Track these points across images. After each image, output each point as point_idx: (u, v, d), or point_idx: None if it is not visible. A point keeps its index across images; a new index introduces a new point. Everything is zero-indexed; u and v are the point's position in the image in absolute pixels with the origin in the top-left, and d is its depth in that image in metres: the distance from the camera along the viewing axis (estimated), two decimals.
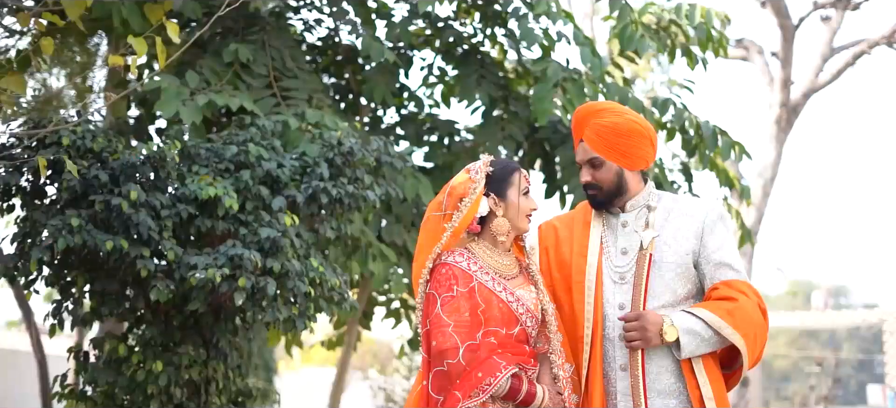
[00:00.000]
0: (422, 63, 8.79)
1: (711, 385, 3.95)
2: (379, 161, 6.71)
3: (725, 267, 4.00)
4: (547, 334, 4.01)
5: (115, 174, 5.87)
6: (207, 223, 5.99)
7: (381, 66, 7.95)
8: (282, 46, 7.50)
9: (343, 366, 9.31)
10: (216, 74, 7.08)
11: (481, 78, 8.06)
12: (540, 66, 7.51)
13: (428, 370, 3.85)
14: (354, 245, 7.22)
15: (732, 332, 3.88)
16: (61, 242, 5.58)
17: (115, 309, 6.13)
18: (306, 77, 7.44)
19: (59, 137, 5.84)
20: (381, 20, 8.32)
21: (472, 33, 8.58)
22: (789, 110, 19.00)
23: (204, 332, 6.29)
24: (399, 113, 8.72)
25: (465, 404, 3.72)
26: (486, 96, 7.96)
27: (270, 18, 7.86)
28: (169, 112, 6.52)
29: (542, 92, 7.23)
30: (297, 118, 6.79)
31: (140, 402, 6.11)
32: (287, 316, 6.04)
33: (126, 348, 6.14)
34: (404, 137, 8.50)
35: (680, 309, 3.96)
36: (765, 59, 19.61)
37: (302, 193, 6.25)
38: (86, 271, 6.02)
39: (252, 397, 6.61)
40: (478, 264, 3.91)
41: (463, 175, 4.01)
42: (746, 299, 3.94)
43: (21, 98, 8.28)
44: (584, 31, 8.55)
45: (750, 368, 4.01)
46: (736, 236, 8.65)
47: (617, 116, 4.08)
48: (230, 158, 6.20)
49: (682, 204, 4.13)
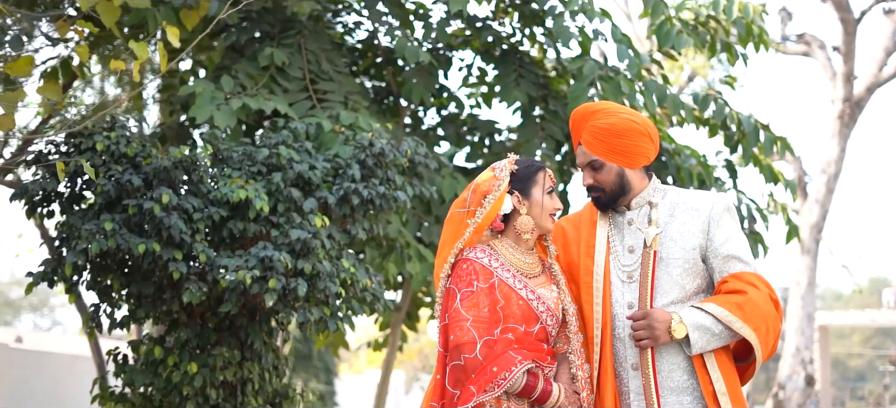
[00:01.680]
0: (461, 64, 8.79)
1: (725, 380, 3.89)
2: (412, 162, 6.72)
3: (734, 260, 3.94)
4: (567, 335, 3.99)
5: (149, 178, 5.96)
6: (239, 226, 6.05)
7: (419, 68, 7.96)
8: (318, 49, 7.53)
9: (387, 367, 9.34)
10: (252, 79, 7.13)
11: (520, 77, 8.04)
12: (576, 65, 7.47)
13: (444, 364, 3.85)
14: (390, 246, 7.23)
15: (743, 325, 3.82)
16: (95, 245, 5.67)
17: (151, 312, 6.22)
18: (342, 79, 7.47)
19: (94, 143, 5.94)
20: (419, 22, 8.33)
21: (510, 33, 8.56)
22: (852, 105, 18.72)
23: (239, 333, 6.34)
24: (439, 114, 8.72)
25: (480, 398, 3.72)
26: (525, 96, 7.93)
27: (308, 22, 7.91)
28: (203, 116, 6.59)
29: (577, 90, 7.19)
30: (331, 120, 6.82)
31: (177, 403, 6.18)
32: (318, 317, 6.07)
33: (162, 349, 6.22)
34: (445, 137, 8.50)
35: (689, 305, 3.90)
36: (827, 54, 19.36)
37: (333, 194, 6.28)
38: (122, 275, 6.11)
39: (288, 398, 6.64)
40: (499, 261, 3.91)
41: (488, 173, 4.02)
42: (756, 292, 3.87)
43: (74, 106, 8.45)
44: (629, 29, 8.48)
45: (764, 360, 3.94)
46: (783, 233, 8.52)
47: (612, 116, 4.04)
48: (262, 160, 6.26)
49: (687, 198, 4.07)
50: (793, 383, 19.28)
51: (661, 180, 8.08)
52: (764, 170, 8.25)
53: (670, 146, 8.42)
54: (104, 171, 5.94)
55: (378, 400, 9.48)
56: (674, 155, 8.34)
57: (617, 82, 7.18)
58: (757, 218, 8.49)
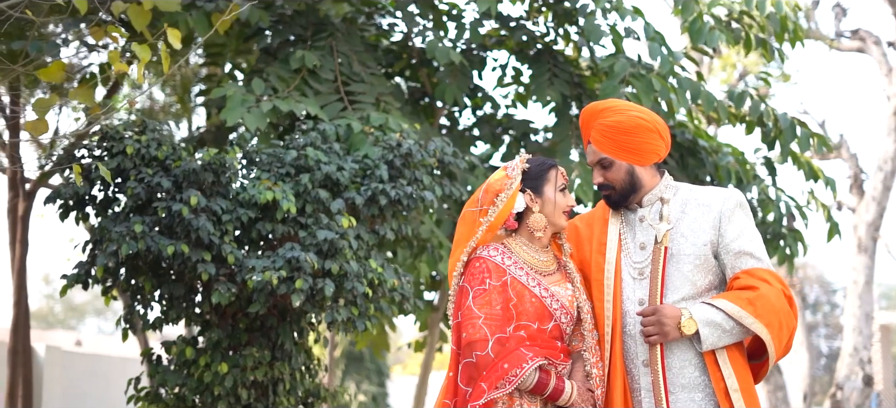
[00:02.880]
0: (495, 64, 8.79)
1: (737, 376, 3.84)
2: (442, 162, 6.73)
3: (746, 256, 3.89)
4: (582, 332, 3.98)
5: (179, 181, 6.03)
6: (267, 227, 6.11)
7: (452, 68, 7.97)
8: (350, 51, 7.57)
9: (426, 368, 9.36)
10: (283, 81, 7.19)
11: (554, 77, 8.02)
12: (608, 63, 7.44)
13: (457, 362, 3.86)
14: (421, 246, 7.25)
15: (754, 321, 3.77)
16: (125, 247, 5.76)
17: (182, 313, 6.29)
18: (374, 81, 7.51)
19: (124, 147, 6.03)
20: (452, 23, 8.34)
21: (544, 32, 8.55)
22: None
23: (269, 334, 6.39)
24: (475, 114, 8.73)
25: (491, 395, 3.71)
26: (559, 95, 7.91)
27: (341, 24, 7.95)
28: (233, 119, 6.66)
29: (608, 88, 7.16)
30: (361, 121, 6.85)
31: (209, 403, 6.25)
32: (346, 317, 6.11)
33: (193, 350, 6.29)
34: (480, 137, 8.51)
35: (700, 301, 3.87)
36: (882, 49, 19.07)
37: (361, 195, 6.31)
38: (153, 277, 6.19)
39: (320, 398, 6.68)
40: (512, 259, 3.90)
41: (500, 172, 4.03)
42: (769, 287, 3.82)
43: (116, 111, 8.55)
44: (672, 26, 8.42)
45: (779, 357, 3.89)
46: (824, 230, 8.42)
47: (620, 113, 4.01)
48: (290, 162, 6.31)
49: (699, 195, 4.04)
50: (851, 383, 19.00)
51: (699, 179, 8.08)
52: (803, 167, 8.15)
53: (707, 144, 8.35)
54: (135, 174, 6.02)
55: (417, 401, 9.50)
56: (711, 153, 8.28)
57: (648, 80, 7.13)
58: (796, 216, 8.40)
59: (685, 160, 8.20)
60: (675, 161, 8.13)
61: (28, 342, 10.36)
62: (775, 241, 8.45)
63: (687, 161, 8.19)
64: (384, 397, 23.09)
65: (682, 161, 8.21)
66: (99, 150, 6.22)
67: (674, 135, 8.25)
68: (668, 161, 8.05)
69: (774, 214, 8.20)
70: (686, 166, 8.16)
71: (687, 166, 8.18)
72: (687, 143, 8.27)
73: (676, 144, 8.26)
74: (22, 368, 10.23)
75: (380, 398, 22.67)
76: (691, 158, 8.21)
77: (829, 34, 19.64)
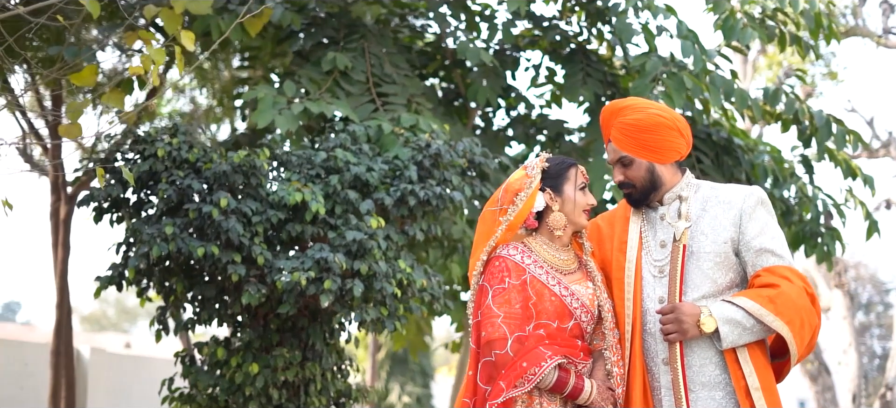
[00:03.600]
0: (528, 64, 8.78)
1: (758, 375, 3.81)
2: (472, 162, 6.74)
3: (767, 253, 3.86)
4: (603, 331, 3.97)
5: (210, 183, 6.08)
6: (297, 228, 6.14)
7: (485, 69, 7.97)
8: (381, 53, 7.60)
9: (461, 368, 9.36)
10: (315, 83, 7.23)
11: (587, 76, 8.00)
12: (639, 62, 7.40)
13: (476, 361, 3.86)
14: (452, 247, 7.25)
15: (774, 318, 3.73)
16: (156, 249, 5.82)
17: (214, 314, 6.35)
18: (406, 82, 7.53)
19: (156, 150, 6.10)
20: (485, 23, 8.34)
21: (577, 32, 8.53)
22: None
23: (300, 335, 6.43)
24: (509, 114, 8.72)
25: (509, 393, 3.70)
26: (592, 94, 7.89)
27: (374, 26, 7.98)
28: (264, 121, 6.70)
29: (640, 87, 7.13)
30: (392, 122, 6.87)
31: (241, 403, 6.29)
32: (376, 317, 6.13)
33: (225, 351, 6.33)
34: (514, 137, 8.50)
35: (720, 299, 3.85)
36: None
37: (390, 195, 6.33)
38: (185, 278, 6.25)
39: (351, 398, 6.71)
40: (532, 258, 3.90)
41: (520, 171, 4.02)
42: (790, 285, 3.78)
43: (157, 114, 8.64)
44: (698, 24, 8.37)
45: (801, 356, 3.85)
46: (863, 228, 8.31)
47: (639, 111, 3.99)
48: (320, 163, 6.34)
49: (720, 192, 4.01)
50: None
51: (735, 178, 8.02)
52: (841, 164, 8.06)
53: (743, 142, 8.29)
54: (166, 176, 6.08)
55: (453, 401, 9.51)
56: (747, 151, 8.21)
57: (680, 78, 7.09)
58: (834, 214, 8.31)
59: (720, 159, 8.14)
60: (711, 160, 8.08)
61: (71, 344, 10.51)
62: (813, 239, 8.37)
63: (722, 160, 8.13)
64: (429, 398, 23.13)
65: (718, 160, 8.15)
66: (132, 153, 6.29)
67: (709, 134, 8.20)
68: (702, 160, 8.01)
69: (812, 212, 8.12)
70: (721, 165, 8.10)
71: (723, 165, 8.11)
72: (722, 141, 8.21)
73: (712, 142, 8.20)
74: (65, 369, 10.38)
75: (424, 399, 22.72)
76: (727, 157, 8.14)
77: (876, 31, 19.40)
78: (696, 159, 7.99)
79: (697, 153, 8.03)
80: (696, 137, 8.14)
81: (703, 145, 8.09)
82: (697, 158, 8.01)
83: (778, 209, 8.20)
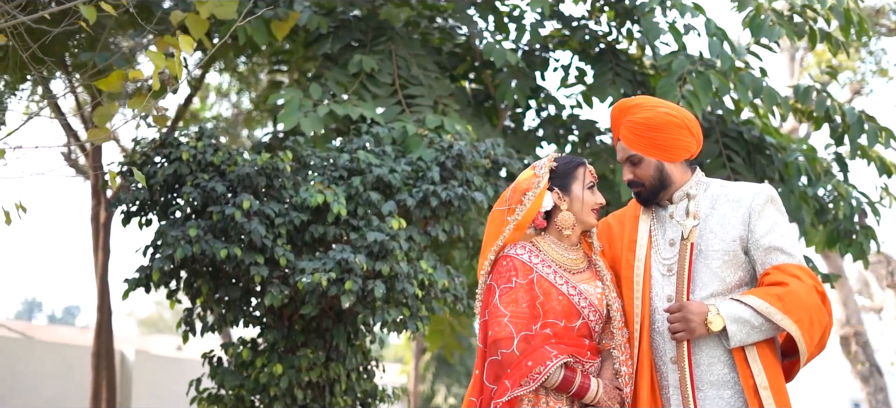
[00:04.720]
0: (557, 65, 8.76)
1: (767, 374, 3.77)
2: (496, 163, 6.74)
3: (776, 251, 3.83)
4: (611, 330, 3.96)
5: (233, 185, 6.14)
6: (319, 229, 6.18)
7: (513, 70, 7.97)
8: (408, 54, 7.62)
9: None
10: (342, 86, 7.26)
11: (616, 76, 7.97)
12: (666, 60, 7.36)
13: (483, 360, 3.87)
14: (477, 247, 7.25)
15: (783, 317, 3.70)
16: (180, 251, 5.89)
17: (238, 315, 6.40)
18: (433, 83, 7.54)
19: (181, 153, 6.17)
20: (513, 24, 8.34)
21: (606, 31, 8.50)
22: None
23: (324, 336, 6.46)
24: (539, 115, 8.71)
25: (514, 392, 3.71)
26: (621, 94, 7.85)
27: (401, 28, 8.01)
28: (290, 124, 6.75)
29: (666, 86, 7.08)
30: (417, 124, 6.89)
31: (267, 403, 6.34)
32: (398, 317, 6.15)
33: (250, 352, 6.39)
34: (544, 138, 8.49)
35: (729, 297, 3.82)
36: None
37: (413, 197, 6.35)
38: (211, 280, 6.31)
39: (377, 398, 6.73)
40: (540, 257, 3.90)
41: (528, 171, 4.02)
42: (799, 283, 3.74)
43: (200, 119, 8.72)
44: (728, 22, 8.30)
45: (812, 355, 3.81)
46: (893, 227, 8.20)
47: (649, 110, 3.97)
48: (343, 165, 6.37)
49: (729, 190, 3.98)
50: None
51: (767, 176, 7.94)
52: (875, 162, 7.96)
53: (775, 141, 8.21)
54: (191, 179, 6.15)
55: None
56: (779, 149, 8.13)
57: (707, 77, 7.04)
58: (868, 212, 8.21)
59: (752, 158, 8.07)
60: (742, 159, 8.01)
61: (111, 346, 10.63)
62: (847, 238, 8.27)
63: (754, 159, 8.05)
64: None
65: (749, 159, 8.07)
66: (158, 156, 6.36)
67: (740, 133, 8.13)
68: (733, 159, 7.94)
69: (845, 210, 8.02)
70: (753, 164, 8.03)
71: (754, 164, 8.04)
72: (754, 140, 8.13)
73: (743, 141, 8.13)
74: (106, 371, 10.50)
75: None
76: (759, 156, 8.07)
77: None
78: (726, 158, 7.93)
79: (728, 152, 7.96)
80: (726, 135, 8.07)
81: (733, 144, 8.02)
82: (728, 156, 7.95)
83: (812, 208, 8.11)
